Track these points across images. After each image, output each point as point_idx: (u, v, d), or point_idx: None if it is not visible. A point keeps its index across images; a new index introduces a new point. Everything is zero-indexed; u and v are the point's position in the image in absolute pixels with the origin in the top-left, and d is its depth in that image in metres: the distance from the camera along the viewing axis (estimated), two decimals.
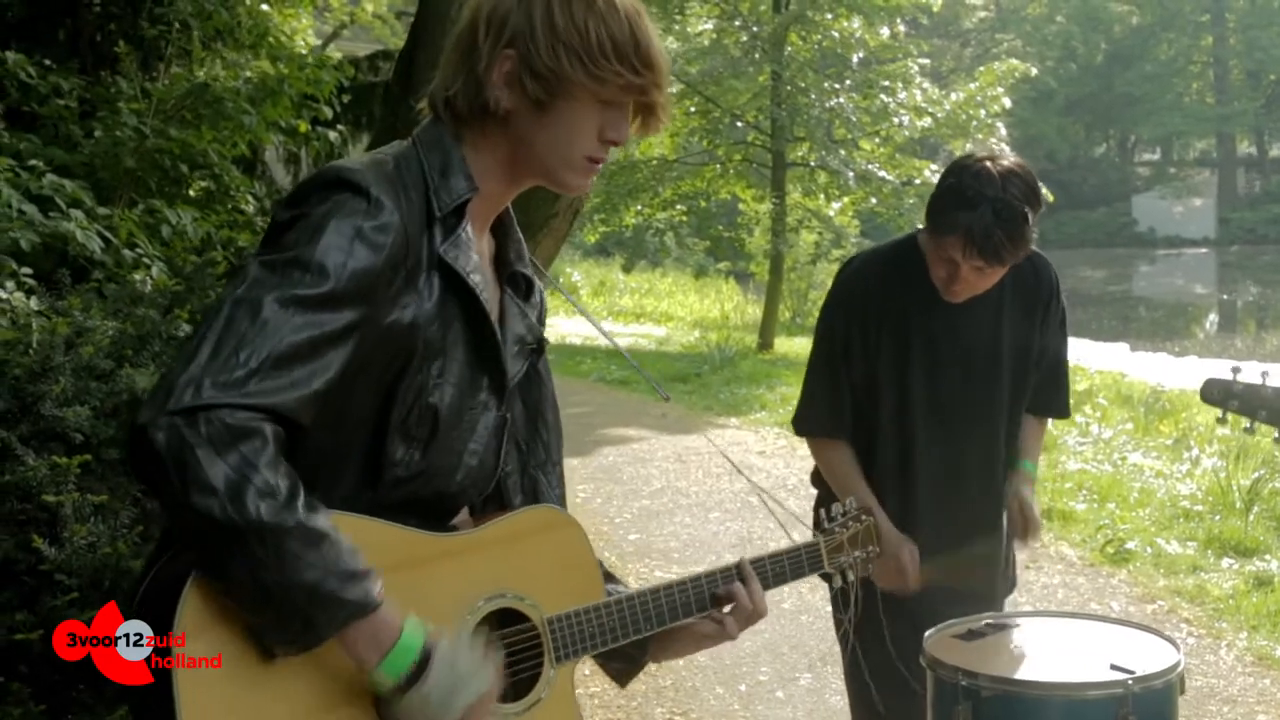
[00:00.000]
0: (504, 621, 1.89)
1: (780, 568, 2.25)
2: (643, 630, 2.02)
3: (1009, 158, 3.07)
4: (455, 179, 1.83)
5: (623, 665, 2.19)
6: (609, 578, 2.16)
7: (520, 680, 1.89)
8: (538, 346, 2.02)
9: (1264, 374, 2.92)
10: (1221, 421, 3.03)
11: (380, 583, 1.65)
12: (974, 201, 2.96)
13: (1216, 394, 2.99)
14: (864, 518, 2.43)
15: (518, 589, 1.88)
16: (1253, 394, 2.93)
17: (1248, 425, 2.98)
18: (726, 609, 2.17)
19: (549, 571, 1.92)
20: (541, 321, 2.09)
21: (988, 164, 3.01)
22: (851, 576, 2.41)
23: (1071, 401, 3.53)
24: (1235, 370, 2.98)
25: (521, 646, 1.90)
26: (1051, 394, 3.39)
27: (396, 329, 1.75)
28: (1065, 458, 9.86)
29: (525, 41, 1.80)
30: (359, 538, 1.70)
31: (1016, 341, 3.23)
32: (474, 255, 1.84)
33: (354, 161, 1.81)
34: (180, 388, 1.57)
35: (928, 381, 3.19)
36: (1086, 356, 16.93)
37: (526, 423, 2.03)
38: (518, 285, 2.00)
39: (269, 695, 1.63)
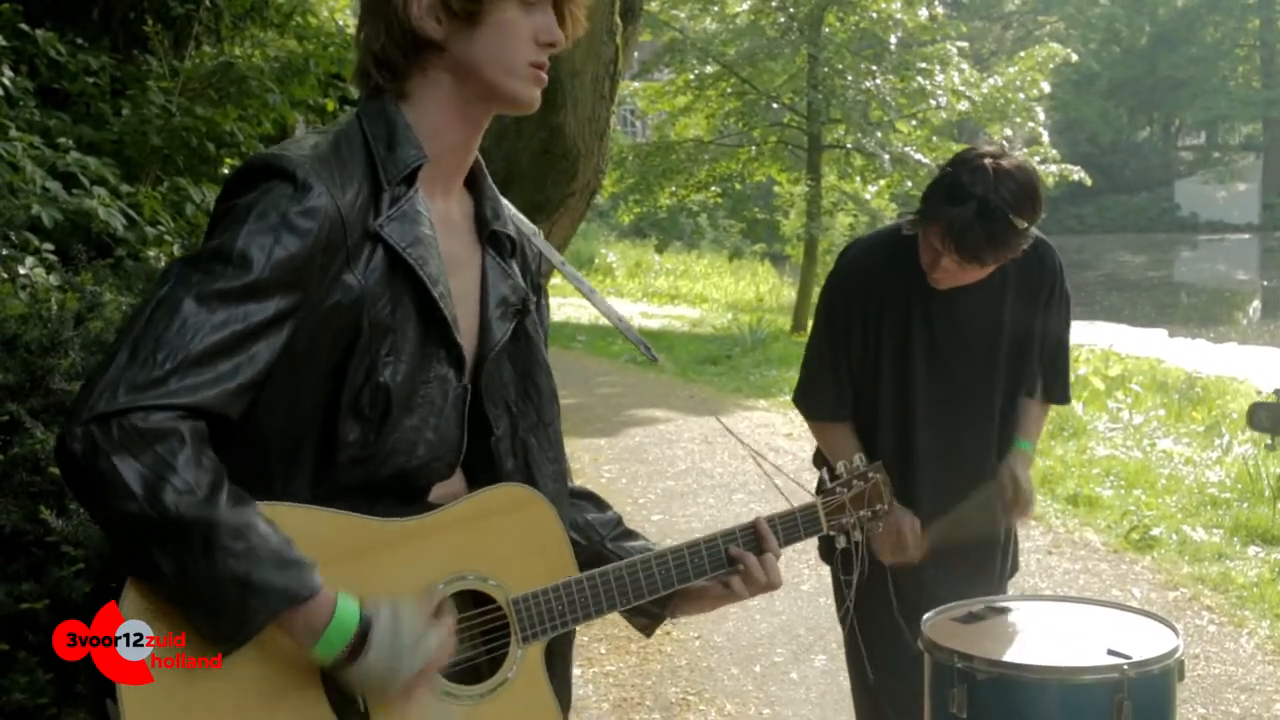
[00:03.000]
0: (476, 604, 1.87)
1: (774, 533, 2.15)
2: (617, 604, 1.98)
3: (1015, 157, 3.04)
4: (402, 149, 1.80)
5: (645, 620, 2.17)
6: (629, 534, 2.16)
7: (493, 661, 1.87)
8: (523, 307, 1.96)
9: None
10: (1270, 448, 2.98)
11: (316, 570, 1.65)
12: (961, 197, 2.95)
13: (1265, 420, 2.93)
14: (870, 475, 2.30)
15: (481, 570, 1.85)
16: None
17: None
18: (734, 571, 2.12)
19: (515, 551, 1.88)
20: (535, 279, 2.05)
21: (987, 161, 2.99)
22: (858, 536, 2.29)
23: (1102, 387, 3.54)
24: (1279, 393, 2.92)
25: (490, 628, 1.88)
26: (1051, 379, 3.38)
27: (338, 311, 1.72)
28: (1094, 443, 9.80)
29: None
30: (308, 528, 1.70)
31: (1018, 326, 3.23)
32: (421, 227, 1.79)
33: (286, 145, 1.78)
34: (96, 394, 1.58)
35: (928, 365, 3.19)
36: (1122, 342, 16.82)
37: (516, 386, 1.97)
38: (500, 245, 1.96)
39: (216, 684, 1.64)
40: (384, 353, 1.76)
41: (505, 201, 2.04)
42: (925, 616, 2.91)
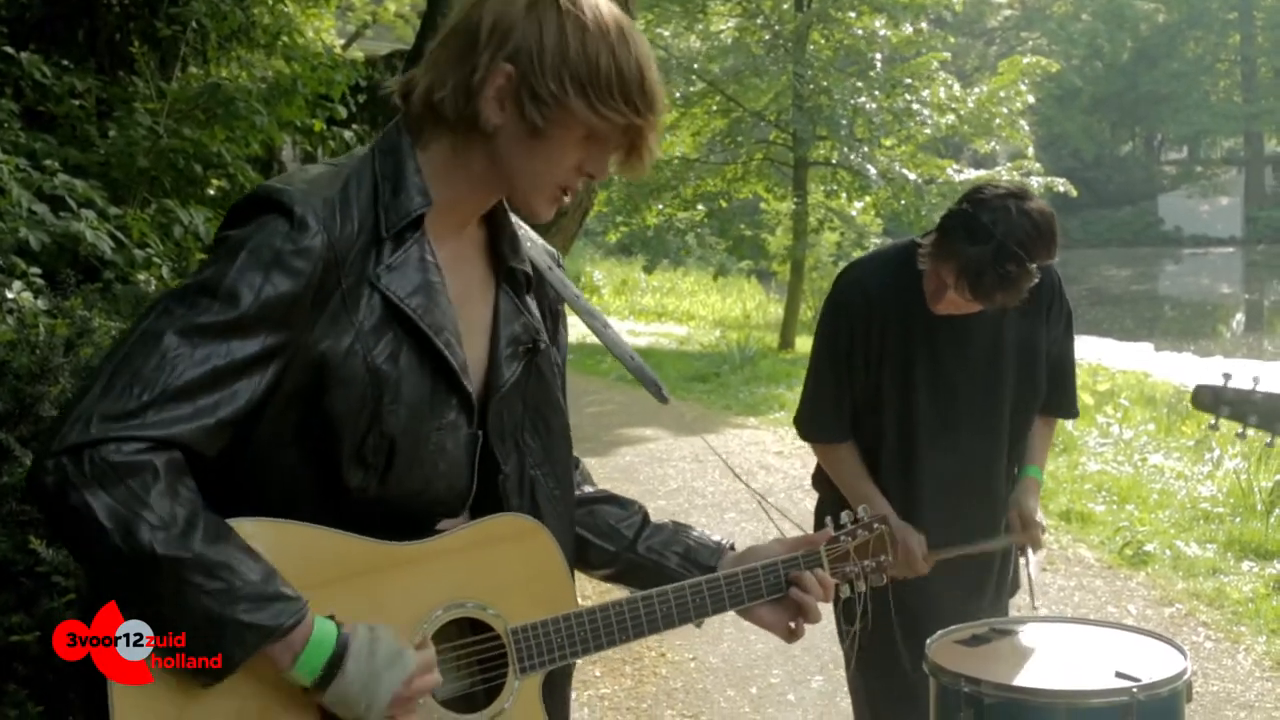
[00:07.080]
0: (475, 631, 1.85)
1: (775, 577, 2.10)
2: (616, 640, 1.94)
3: (1035, 199, 3.01)
4: (406, 195, 1.75)
5: None
6: (658, 529, 2.12)
7: (490, 690, 1.85)
8: (534, 345, 1.93)
9: (1255, 379, 2.93)
10: (1213, 428, 3.02)
11: (299, 600, 1.62)
12: (980, 238, 2.92)
13: (1207, 400, 2.98)
14: (876, 526, 2.27)
15: (479, 598, 1.82)
16: (1243, 399, 2.94)
17: (1240, 431, 2.98)
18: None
19: (515, 581, 1.86)
20: (554, 307, 2.02)
21: (1009, 202, 2.95)
22: (861, 587, 2.25)
23: (1091, 402, 3.54)
24: (1226, 376, 2.97)
25: (488, 657, 1.85)
26: (1058, 395, 3.37)
27: (333, 354, 1.69)
28: (1085, 459, 9.79)
29: (529, 60, 1.70)
30: (306, 547, 1.67)
31: (1020, 340, 3.21)
32: (425, 274, 1.76)
33: (291, 177, 1.75)
34: (69, 425, 1.55)
35: (931, 387, 3.17)
36: (1110, 356, 16.84)
37: (527, 423, 1.94)
38: (516, 281, 1.93)
39: (207, 708, 1.62)
40: (387, 400, 1.73)
41: (526, 229, 2.00)
42: (929, 640, 2.88)
